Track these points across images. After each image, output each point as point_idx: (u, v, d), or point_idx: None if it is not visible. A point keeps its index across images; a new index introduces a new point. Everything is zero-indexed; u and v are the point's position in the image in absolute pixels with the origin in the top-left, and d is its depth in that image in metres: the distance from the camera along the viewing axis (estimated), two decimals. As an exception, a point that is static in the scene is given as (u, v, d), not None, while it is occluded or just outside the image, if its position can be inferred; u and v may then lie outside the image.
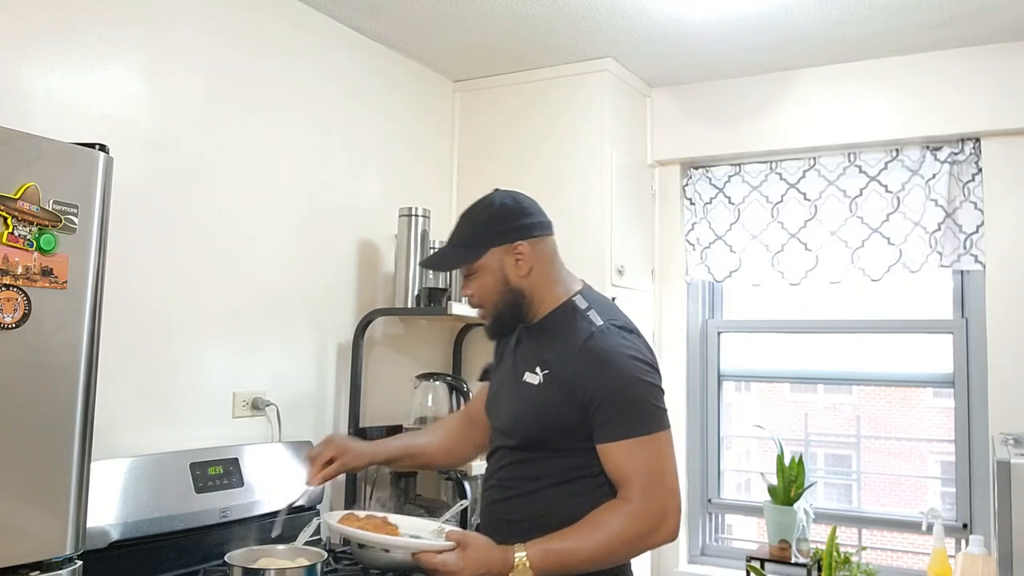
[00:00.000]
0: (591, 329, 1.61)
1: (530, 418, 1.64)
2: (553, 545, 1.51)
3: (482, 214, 1.69)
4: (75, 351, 1.50)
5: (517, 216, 1.68)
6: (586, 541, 1.51)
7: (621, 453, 1.55)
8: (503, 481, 1.70)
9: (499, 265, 1.67)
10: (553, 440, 1.62)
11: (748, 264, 3.29)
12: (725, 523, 3.49)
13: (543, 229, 1.72)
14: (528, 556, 1.48)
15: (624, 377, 1.58)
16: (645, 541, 1.54)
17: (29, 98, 1.95)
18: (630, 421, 1.55)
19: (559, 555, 1.50)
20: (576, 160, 3.16)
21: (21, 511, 1.42)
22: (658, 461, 1.55)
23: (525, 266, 1.67)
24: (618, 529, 1.51)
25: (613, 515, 1.53)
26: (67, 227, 1.49)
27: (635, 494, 1.53)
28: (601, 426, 1.56)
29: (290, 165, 2.66)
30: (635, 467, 1.54)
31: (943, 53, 2.97)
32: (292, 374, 2.65)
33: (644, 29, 2.86)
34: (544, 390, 1.62)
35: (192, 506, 2.11)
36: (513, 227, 1.67)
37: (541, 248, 1.70)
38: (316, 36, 2.76)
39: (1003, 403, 2.82)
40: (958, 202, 2.98)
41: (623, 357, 1.59)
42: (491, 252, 1.66)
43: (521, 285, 1.67)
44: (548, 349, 1.65)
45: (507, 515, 1.67)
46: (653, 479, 1.54)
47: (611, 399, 1.56)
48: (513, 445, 1.67)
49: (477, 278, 1.68)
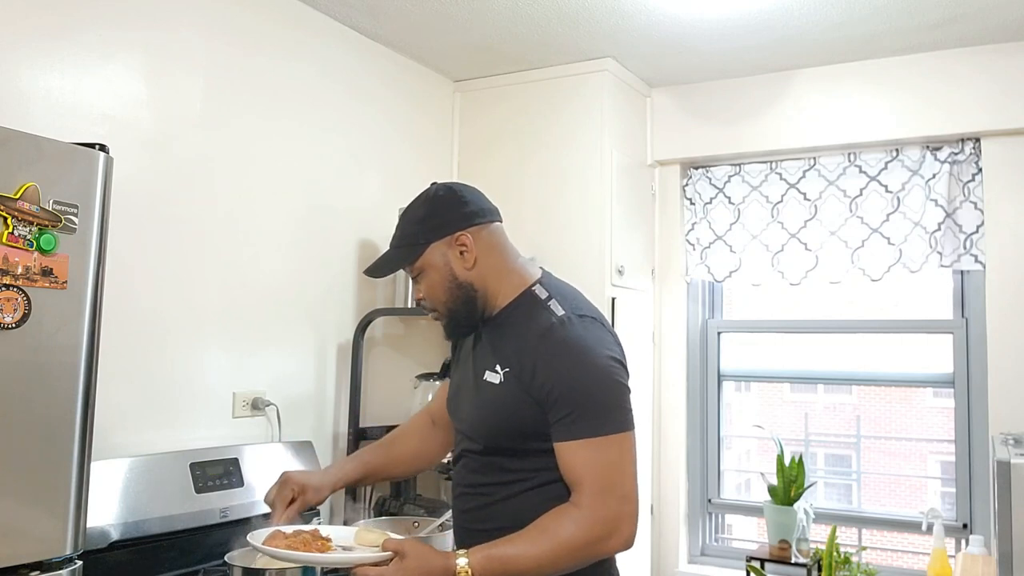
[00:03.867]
0: (551, 320, 1.51)
1: (493, 420, 1.54)
2: (496, 551, 1.42)
3: (419, 210, 1.59)
4: (75, 351, 1.50)
5: (454, 206, 1.57)
6: (531, 547, 1.42)
7: (576, 454, 1.45)
8: (473, 488, 1.60)
9: (443, 260, 1.56)
10: (519, 442, 1.52)
11: (748, 264, 3.29)
12: (725, 523, 3.49)
13: (485, 216, 1.60)
14: (470, 563, 1.40)
15: (585, 372, 1.47)
16: (594, 549, 1.44)
17: (29, 98, 1.95)
18: (588, 420, 1.45)
19: (502, 561, 1.41)
20: (576, 160, 3.16)
21: (21, 511, 1.42)
22: (615, 464, 1.45)
23: (470, 258, 1.56)
24: (566, 536, 1.42)
25: (561, 521, 1.43)
26: (67, 227, 1.49)
27: (587, 499, 1.43)
28: (557, 423, 1.46)
29: (290, 165, 2.66)
30: (589, 470, 1.44)
31: (943, 53, 2.97)
32: (292, 374, 2.65)
33: (644, 29, 2.86)
34: (505, 389, 1.52)
35: (192, 506, 2.11)
36: (451, 218, 1.56)
37: (486, 237, 1.59)
38: (316, 36, 2.76)
39: (1003, 403, 2.82)
40: (958, 202, 2.98)
41: (585, 350, 1.48)
42: (432, 248, 1.56)
43: (470, 279, 1.57)
44: (507, 345, 1.55)
45: (479, 524, 1.56)
46: (608, 484, 1.44)
47: (569, 395, 1.45)
48: (479, 449, 1.58)
49: (424, 278, 1.59)
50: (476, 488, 1.59)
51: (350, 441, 2.75)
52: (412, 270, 1.60)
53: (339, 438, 2.81)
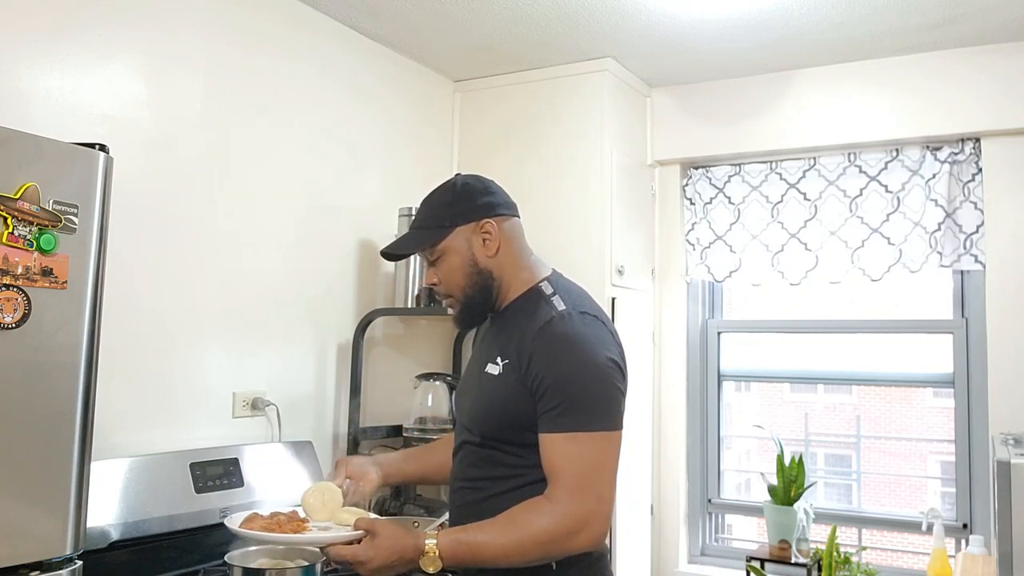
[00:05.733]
0: (551, 314, 1.52)
1: (490, 411, 1.55)
2: (465, 536, 1.45)
3: (446, 195, 1.62)
4: (75, 351, 1.50)
5: (481, 194, 1.61)
6: (499, 536, 1.44)
7: (558, 446, 1.45)
8: (468, 482, 1.61)
9: (466, 245, 1.58)
10: (515, 435, 1.52)
11: (748, 264, 3.29)
12: (725, 523, 3.49)
13: (508, 209, 1.64)
14: (438, 544, 1.43)
15: (577, 366, 1.47)
16: (563, 544, 1.44)
17: (29, 98, 1.95)
18: (574, 414, 1.45)
19: (469, 547, 1.44)
20: (576, 160, 3.16)
21: (21, 511, 1.42)
22: (595, 463, 1.45)
23: (493, 245, 1.59)
24: (535, 528, 1.43)
25: (533, 513, 1.44)
26: (67, 227, 1.49)
27: (560, 494, 1.44)
28: (544, 415, 1.47)
29: (290, 165, 2.66)
30: (568, 465, 1.44)
31: (943, 53, 2.97)
32: (292, 374, 2.65)
33: (644, 29, 2.86)
34: (502, 380, 1.53)
35: (192, 506, 2.11)
36: (478, 205, 1.59)
37: (508, 229, 1.62)
38: (316, 36, 2.76)
39: (1003, 403, 2.82)
40: (958, 202, 2.98)
41: (581, 346, 1.49)
42: (457, 232, 1.58)
43: (490, 266, 1.59)
44: (509, 337, 1.56)
45: (473, 519, 1.54)
46: (584, 481, 1.43)
47: (558, 387, 1.46)
48: (477, 441, 1.58)
49: (443, 261, 1.60)
50: (472, 482, 1.60)
51: (350, 441, 2.75)
52: (432, 253, 1.62)
53: (339, 438, 2.81)
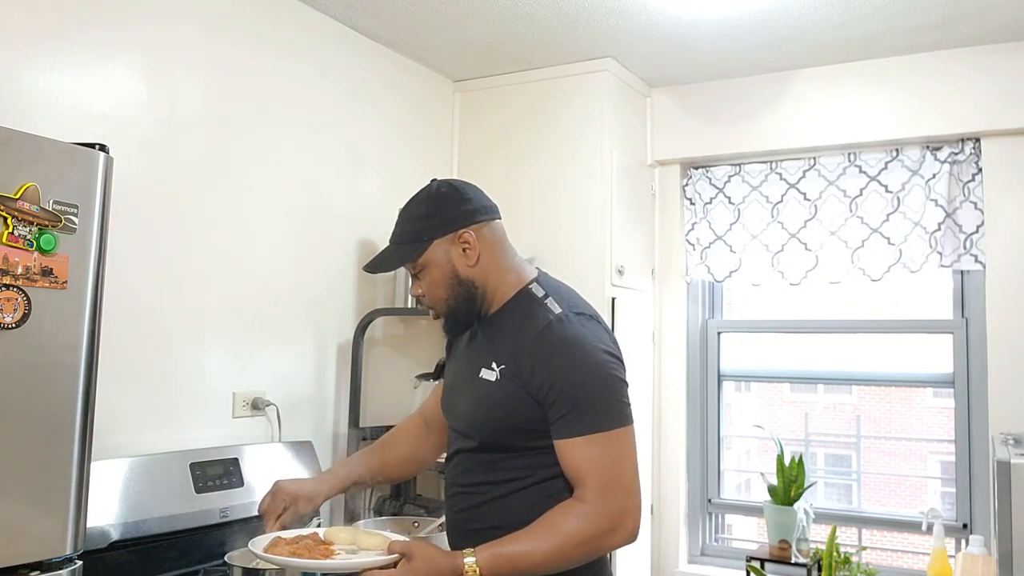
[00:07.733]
0: (548, 318, 1.51)
1: (489, 417, 1.54)
2: (503, 549, 1.42)
3: (421, 206, 1.59)
4: (75, 351, 1.50)
5: (457, 203, 1.58)
6: (538, 544, 1.43)
7: (578, 450, 1.46)
8: (466, 487, 1.60)
9: (446, 258, 1.56)
10: (516, 440, 1.52)
11: (748, 264, 3.29)
12: (725, 523, 3.49)
13: (487, 213, 1.61)
14: (477, 561, 1.40)
15: (583, 368, 1.48)
16: (601, 543, 1.45)
17: (29, 98, 1.95)
18: (589, 416, 1.46)
19: (509, 559, 1.42)
20: (576, 160, 3.16)
21: (21, 511, 1.42)
22: (617, 459, 1.46)
23: (473, 255, 1.57)
24: (572, 531, 1.43)
25: (567, 517, 1.44)
26: (67, 227, 1.49)
27: (591, 494, 1.44)
28: (557, 421, 1.47)
29: (290, 165, 2.66)
30: (592, 465, 1.45)
31: (943, 53, 2.97)
32: (292, 374, 2.65)
33: (644, 29, 2.86)
34: (501, 387, 1.52)
35: (192, 506, 2.11)
36: (454, 215, 1.57)
37: (488, 234, 1.59)
38: (316, 36, 2.76)
39: (1003, 403, 2.82)
40: (958, 202, 2.98)
41: (583, 347, 1.49)
42: (435, 245, 1.56)
43: (472, 276, 1.58)
44: (504, 342, 1.55)
45: (473, 524, 1.55)
46: (611, 479, 1.45)
47: (569, 392, 1.46)
48: (473, 447, 1.57)
49: (425, 275, 1.59)
50: (469, 487, 1.59)
51: (350, 441, 2.75)
52: (414, 267, 1.60)
53: (339, 438, 2.81)
